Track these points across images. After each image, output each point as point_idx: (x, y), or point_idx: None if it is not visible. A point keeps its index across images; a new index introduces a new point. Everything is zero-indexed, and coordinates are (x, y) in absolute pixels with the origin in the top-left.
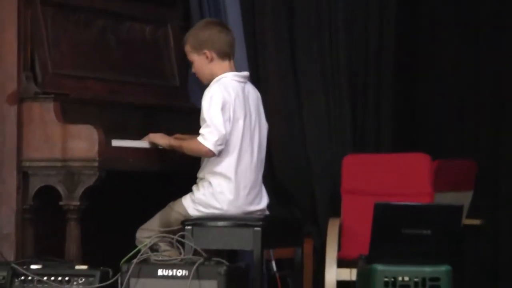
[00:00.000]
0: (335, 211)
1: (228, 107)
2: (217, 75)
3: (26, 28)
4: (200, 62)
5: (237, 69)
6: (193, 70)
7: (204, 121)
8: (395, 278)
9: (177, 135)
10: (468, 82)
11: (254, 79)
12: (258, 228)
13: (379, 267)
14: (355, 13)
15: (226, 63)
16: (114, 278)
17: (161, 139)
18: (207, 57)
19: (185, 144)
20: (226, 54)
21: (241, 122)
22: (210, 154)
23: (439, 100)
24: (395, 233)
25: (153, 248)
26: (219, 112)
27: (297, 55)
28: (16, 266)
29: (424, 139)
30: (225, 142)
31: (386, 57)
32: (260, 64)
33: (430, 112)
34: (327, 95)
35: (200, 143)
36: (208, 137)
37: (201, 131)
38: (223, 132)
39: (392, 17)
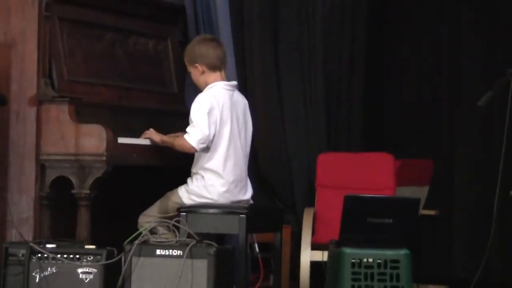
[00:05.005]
0: (311, 202)
1: (215, 112)
2: (210, 84)
3: (45, 40)
4: (194, 74)
5: (227, 78)
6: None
7: (191, 121)
8: (360, 260)
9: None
10: (428, 93)
11: (242, 87)
12: (243, 215)
13: (347, 250)
14: (330, 28)
15: (217, 74)
16: (118, 257)
17: (156, 136)
18: (199, 70)
19: (175, 140)
20: (216, 67)
21: (228, 125)
22: (193, 150)
23: (403, 107)
24: (361, 221)
25: (153, 232)
26: (205, 115)
27: (280, 65)
28: (34, 245)
29: (390, 140)
30: (207, 142)
31: (357, 68)
32: (248, 74)
33: (396, 117)
34: (305, 102)
35: (185, 140)
36: (192, 136)
37: (187, 129)
38: (207, 132)
39: (363, 32)
